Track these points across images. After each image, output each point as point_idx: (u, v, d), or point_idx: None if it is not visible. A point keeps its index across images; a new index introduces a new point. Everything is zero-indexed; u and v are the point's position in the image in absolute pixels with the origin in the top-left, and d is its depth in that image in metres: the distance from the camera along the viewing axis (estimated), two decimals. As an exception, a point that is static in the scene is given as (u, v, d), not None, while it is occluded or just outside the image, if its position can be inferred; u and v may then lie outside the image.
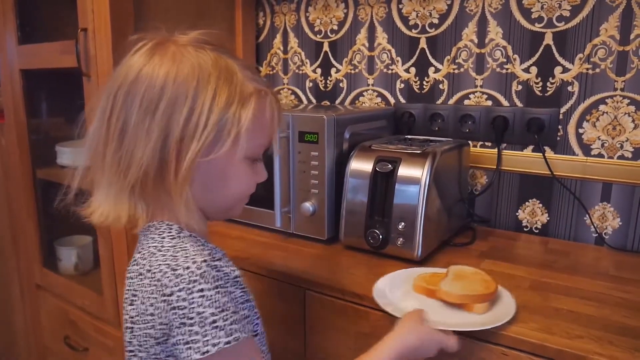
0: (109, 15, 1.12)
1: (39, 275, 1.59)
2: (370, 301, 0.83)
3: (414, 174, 0.94)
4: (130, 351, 0.61)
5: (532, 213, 1.18)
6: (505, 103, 1.18)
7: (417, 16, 1.26)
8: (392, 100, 1.34)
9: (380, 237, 0.97)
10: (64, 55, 1.27)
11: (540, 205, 1.17)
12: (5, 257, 1.73)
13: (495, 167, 1.20)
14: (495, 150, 1.20)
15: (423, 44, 1.27)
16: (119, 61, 0.63)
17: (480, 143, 1.23)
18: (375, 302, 0.79)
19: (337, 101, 1.45)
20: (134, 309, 0.60)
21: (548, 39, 1.11)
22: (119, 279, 1.27)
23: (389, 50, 1.32)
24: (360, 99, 1.40)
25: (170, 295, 0.55)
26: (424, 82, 1.28)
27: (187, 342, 0.54)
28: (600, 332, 0.71)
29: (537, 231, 1.19)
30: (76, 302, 1.46)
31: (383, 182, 0.98)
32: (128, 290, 0.62)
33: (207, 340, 0.54)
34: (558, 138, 1.13)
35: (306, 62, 1.49)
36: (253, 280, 0.99)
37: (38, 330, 1.68)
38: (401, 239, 0.95)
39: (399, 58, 1.31)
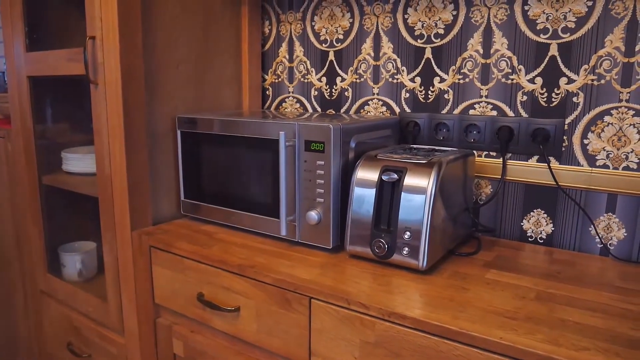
0: (117, 24, 1.13)
1: (42, 281, 1.59)
2: (376, 310, 0.83)
3: (420, 184, 0.95)
4: None
5: (537, 223, 1.18)
6: (510, 113, 1.18)
7: (422, 26, 1.27)
8: (397, 110, 1.35)
9: (386, 246, 0.97)
10: (71, 63, 1.28)
11: (545, 215, 1.17)
12: (9, 263, 1.74)
13: (500, 177, 1.20)
14: (500, 160, 1.20)
15: (428, 53, 1.27)
16: (126, 69, 0.64)
17: (485, 153, 1.23)
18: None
19: (342, 110, 1.45)
20: None
21: (553, 50, 1.11)
22: (123, 286, 1.27)
23: (395, 60, 1.33)
24: (366, 108, 1.41)
25: None
26: (429, 92, 1.29)
27: None
28: (607, 344, 0.71)
29: (541, 241, 1.19)
30: (80, 309, 1.46)
31: (389, 192, 0.98)
32: None
33: None
34: (563, 148, 1.13)
35: (312, 71, 1.49)
36: (258, 288, 1.00)
37: (41, 336, 1.68)
38: (407, 249, 0.95)
39: (404, 68, 1.32)
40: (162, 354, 1.25)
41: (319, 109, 1.51)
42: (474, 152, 1.19)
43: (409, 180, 0.96)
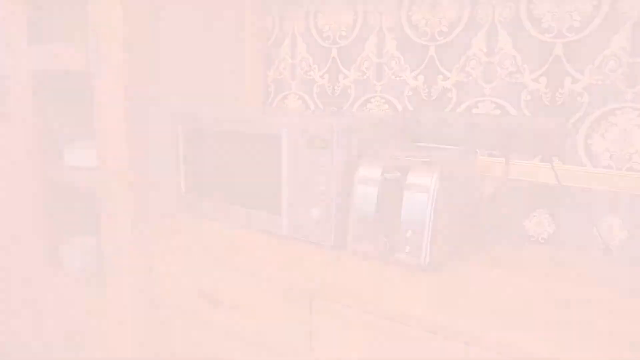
0: (120, 18, 1.12)
1: (42, 275, 1.58)
2: (378, 308, 0.83)
3: (423, 182, 0.94)
4: None
5: (539, 223, 1.18)
6: (514, 112, 1.18)
7: (426, 24, 1.27)
8: (400, 108, 1.34)
9: (388, 244, 0.96)
10: (74, 57, 1.27)
11: (548, 215, 1.17)
12: (10, 257, 1.73)
13: (502, 176, 1.19)
14: (503, 159, 1.19)
15: (432, 51, 1.27)
16: (129, 63, 0.64)
17: (488, 152, 1.23)
18: None
19: (345, 107, 1.45)
20: None
21: (558, 50, 1.11)
22: (123, 281, 1.27)
23: (398, 58, 1.32)
24: (368, 105, 1.40)
25: None
26: (433, 90, 1.28)
27: None
28: (609, 345, 0.71)
29: (543, 241, 1.18)
30: (79, 304, 1.45)
31: (391, 190, 0.98)
32: None
33: None
34: (567, 148, 1.13)
35: (314, 68, 1.49)
36: (258, 285, 0.99)
37: (40, 331, 1.68)
38: (409, 247, 0.95)
39: (407, 65, 1.31)
40: (161, 350, 1.25)
41: (321, 106, 1.50)
42: (477, 150, 1.19)
43: (412, 178, 0.95)
